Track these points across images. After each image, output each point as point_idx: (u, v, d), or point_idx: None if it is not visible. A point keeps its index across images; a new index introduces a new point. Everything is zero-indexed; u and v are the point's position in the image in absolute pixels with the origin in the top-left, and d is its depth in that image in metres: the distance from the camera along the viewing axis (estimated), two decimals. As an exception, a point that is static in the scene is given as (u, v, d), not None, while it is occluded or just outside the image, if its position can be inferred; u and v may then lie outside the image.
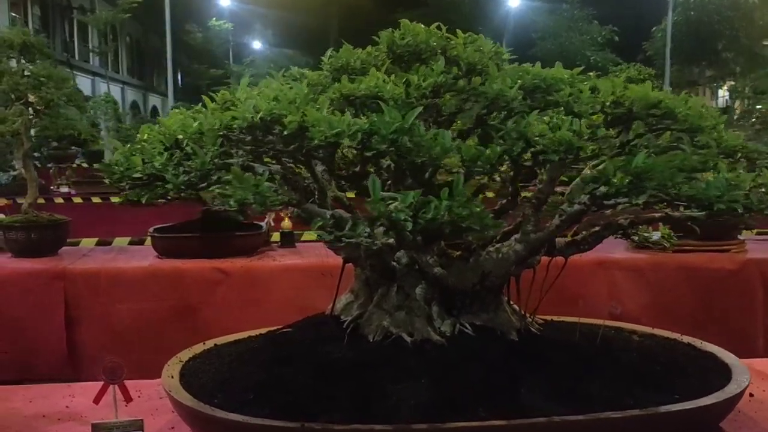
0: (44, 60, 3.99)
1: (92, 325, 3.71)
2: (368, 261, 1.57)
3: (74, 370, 3.73)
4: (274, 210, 1.24)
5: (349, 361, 1.50)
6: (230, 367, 1.60)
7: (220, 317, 3.72)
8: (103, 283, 3.74)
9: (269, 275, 3.83)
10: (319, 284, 3.82)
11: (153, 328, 3.70)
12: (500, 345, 1.58)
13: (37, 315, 3.68)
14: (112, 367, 1.48)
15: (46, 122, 4.00)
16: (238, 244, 4.04)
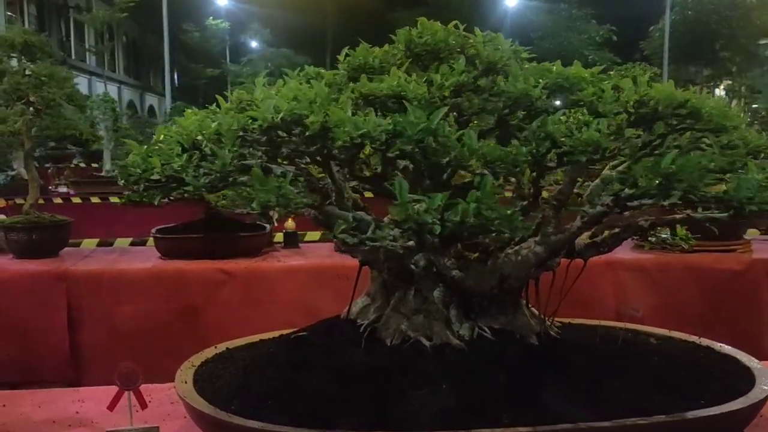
0: (45, 59, 3.95)
1: (95, 327, 3.68)
2: (386, 264, 1.55)
3: (77, 372, 3.70)
4: (296, 213, 1.21)
5: (367, 365, 1.47)
6: (245, 372, 1.57)
7: (224, 319, 3.69)
8: (105, 284, 3.71)
9: (274, 276, 3.80)
10: (324, 285, 3.79)
11: (156, 330, 3.67)
12: (520, 349, 1.56)
13: (39, 317, 3.65)
14: (128, 373, 1.45)
15: (47, 122, 3.96)
16: (241, 245, 4.01)
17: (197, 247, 3.91)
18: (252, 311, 3.71)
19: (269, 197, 1.18)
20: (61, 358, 3.67)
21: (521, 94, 1.38)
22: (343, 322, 1.71)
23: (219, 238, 3.95)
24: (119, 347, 3.65)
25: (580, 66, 1.56)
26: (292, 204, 1.20)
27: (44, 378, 3.65)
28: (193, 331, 3.69)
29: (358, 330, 1.62)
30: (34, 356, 3.66)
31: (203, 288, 3.72)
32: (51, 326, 3.66)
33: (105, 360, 3.66)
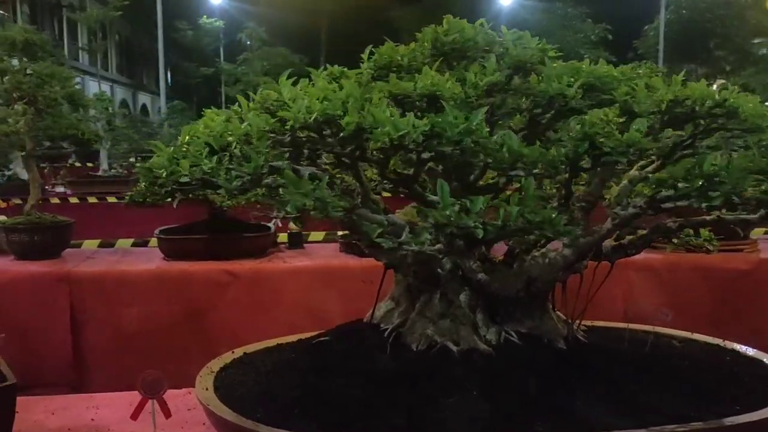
0: (46, 58, 3.90)
1: (98, 330, 3.63)
2: (413, 268, 1.51)
3: (80, 375, 3.65)
4: (333, 217, 1.17)
5: (394, 372, 1.44)
6: (268, 379, 1.54)
7: (229, 320, 3.65)
8: (108, 286, 3.66)
9: (279, 277, 3.75)
10: (330, 286, 3.76)
11: (161, 332, 3.63)
12: (549, 354, 1.53)
13: (41, 319, 3.60)
14: (152, 381, 1.41)
15: (48, 122, 3.91)
16: (246, 246, 3.97)
17: (201, 247, 3.86)
18: (258, 312, 3.68)
19: (305, 200, 1.15)
20: (64, 360, 3.62)
21: (556, 93, 1.35)
22: (366, 326, 1.67)
23: (223, 238, 3.91)
24: (123, 350, 3.61)
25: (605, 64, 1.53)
26: (329, 207, 1.17)
27: (47, 381, 3.60)
28: (198, 333, 3.65)
29: (382, 335, 1.59)
30: (36, 359, 3.60)
31: (208, 289, 3.68)
32: (53, 328, 3.61)
33: (108, 363, 3.62)
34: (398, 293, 1.64)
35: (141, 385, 1.43)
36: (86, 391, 3.62)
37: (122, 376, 3.61)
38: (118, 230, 6.10)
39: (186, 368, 3.66)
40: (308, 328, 3.68)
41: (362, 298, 3.75)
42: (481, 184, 1.58)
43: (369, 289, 3.74)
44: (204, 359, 3.66)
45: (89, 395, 1.97)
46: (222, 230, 3.96)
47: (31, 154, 4.03)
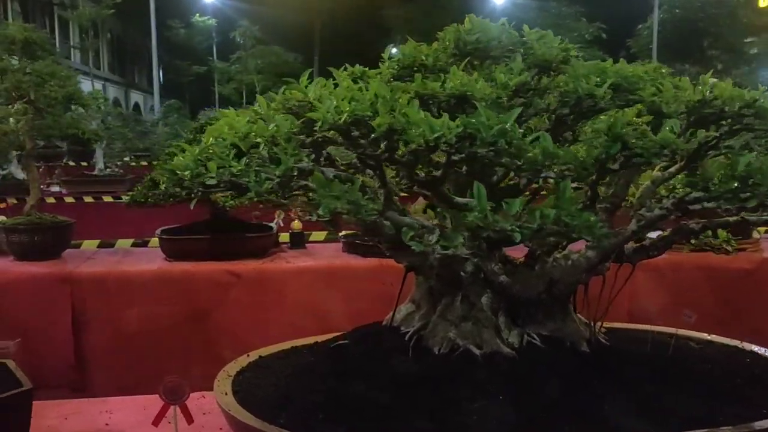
0: (46, 57, 3.86)
1: (100, 331, 3.60)
2: (436, 270, 1.49)
3: (81, 376, 3.62)
4: (365, 220, 1.15)
5: (418, 376, 1.42)
6: (287, 383, 1.51)
7: (233, 321, 3.63)
8: (110, 287, 3.63)
9: (282, 278, 3.73)
10: (334, 287, 3.74)
11: (163, 334, 3.60)
12: (572, 357, 1.51)
13: (42, 320, 3.57)
14: (173, 387, 1.39)
15: (49, 121, 3.87)
16: (248, 246, 3.94)
17: (203, 248, 3.84)
18: (261, 313, 3.65)
19: (339, 203, 1.13)
20: (65, 362, 3.59)
21: (585, 93, 1.33)
22: (386, 329, 1.65)
23: (225, 238, 3.88)
24: (124, 351, 3.58)
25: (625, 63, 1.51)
26: (362, 210, 1.15)
27: (48, 383, 3.56)
28: (202, 334, 3.62)
29: (402, 338, 1.57)
30: (37, 360, 3.55)
31: (211, 290, 3.65)
32: (55, 329, 3.58)
33: (110, 364, 3.60)
34: (419, 296, 1.62)
35: (163, 391, 1.41)
36: (88, 392, 3.59)
37: (124, 378, 3.62)
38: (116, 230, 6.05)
39: (189, 369, 3.66)
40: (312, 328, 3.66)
41: (366, 299, 3.76)
42: (503, 185, 1.57)
43: (373, 289, 3.75)
44: (207, 361, 3.65)
45: (102, 399, 1.94)
46: (224, 230, 3.93)
47: (31, 154, 4.00)
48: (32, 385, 1.49)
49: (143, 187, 3.85)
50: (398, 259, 1.55)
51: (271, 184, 1.20)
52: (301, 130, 1.26)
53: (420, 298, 1.62)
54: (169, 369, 3.63)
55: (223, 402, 1.45)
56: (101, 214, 7.57)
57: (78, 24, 21.89)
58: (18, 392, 1.42)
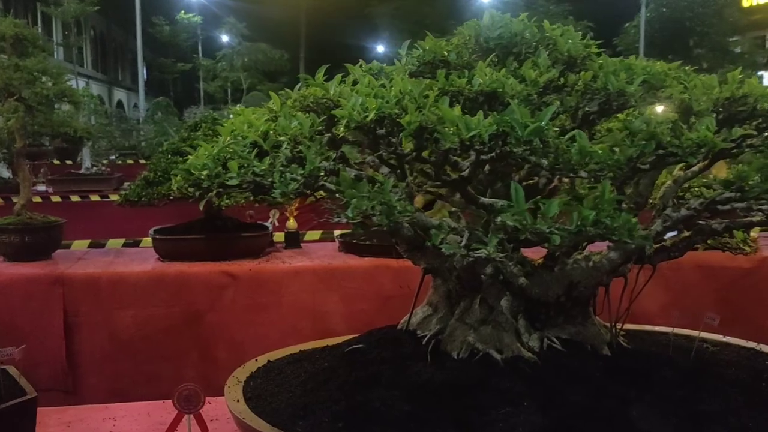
0: (38, 54, 3.78)
1: (93, 333, 3.52)
2: (456, 272, 1.45)
3: (74, 380, 3.54)
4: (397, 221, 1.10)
5: (439, 381, 1.38)
6: (304, 390, 1.46)
7: (229, 323, 3.57)
8: (103, 288, 3.55)
9: (279, 278, 3.67)
10: (331, 287, 3.69)
11: (158, 336, 3.53)
12: (596, 362, 1.48)
13: (34, 322, 3.48)
14: (188, 395, 1.34)
15: (40, 119, 3.79)
16: (244, 246, 3.88)
17: (198, 248, 3.77)
18: (258, 315, 3.60)
19: (369, 204, 1.08)
20: (58, 365, 3.51)
21: (617, 90, 1.30)
22: (402, 333, 1.61)
23: (220, 238, 3.82)
24: (118, 354, 3.51)
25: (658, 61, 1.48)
26: (395, 212, 1.10)
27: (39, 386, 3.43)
28: (197, 336, 3.56)
29: (419, 342, 1.53)
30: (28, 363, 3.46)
31: (206, 291, 3.59)
32: (46, 332, 3.50)
33: (103, 367, 3.52)
34: (436, 299, 1.58)
35: (177, 400, 1.35)
36: (80, 396, 3.52)
37: (117, 381, 3.55)
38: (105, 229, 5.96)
39: (184, 373, 3.60)
40: (310, 330, 3.63)
41: (364, 299, 3.72)
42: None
43: (371, 289, 3.70)
44: (202, 363, 3.60)
45: (104, 406, 1.88)
46: (219, 230, 3.87)
47: (21, 153, 3.92)
48: (36, 393, 1.43)
49: (137, 186, 3.78)
50: (416, 261, 1.51)
51: (297, 185, 1.15)
52: (321, 129, 1.21)
53: (437, 301, 1.57)
54: (164, 372, 3.59)
55: (237, 410, 1.40)
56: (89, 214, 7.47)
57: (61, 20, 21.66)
58: (23, 401, 1.36)
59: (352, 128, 1.17)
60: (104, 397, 3.50)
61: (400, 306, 3.65)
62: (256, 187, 1.19)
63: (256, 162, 1.17)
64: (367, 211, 1.08)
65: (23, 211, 3.85)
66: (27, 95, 3.67)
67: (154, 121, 13.10)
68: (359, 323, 3.65)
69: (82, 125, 3.95)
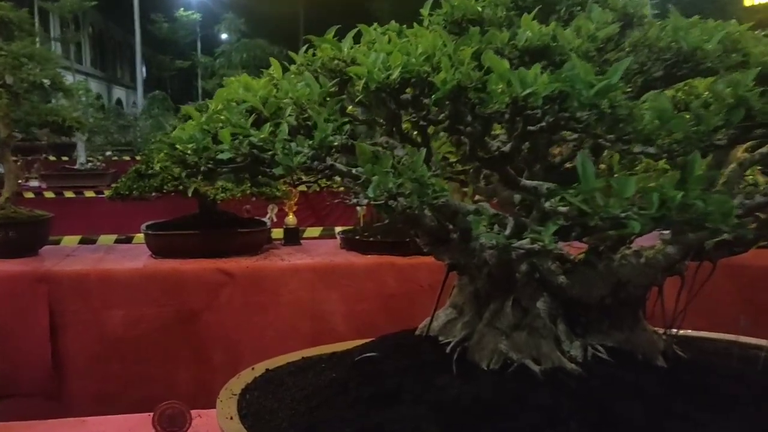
0: (25, 38, 3.56)
1: (80, 335, 3.30)
2: (487, 269, 1.24)
3: (60, 385, 3.33)
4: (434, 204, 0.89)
5: (470, 399, 1.16)
6: (309, 407, 1.25)
7: (225, 323, 3.36)
8: (92, 286, 3.33)
9: (278, 276, 3.46)
10: (332, 286, 3.48)
11: (149, 337, 3.32)
12: (650, 374, 1.27)
13: (17, 323, 3.27)
14: (172, 415, 1.12)
15: (27, 107, 3.58)
16: (241, 242, 3.66)
17: (193, 244, 3.56)
18: (255, 315, 3.39)
19: (397, 182, 0.87)
20: (42, 368, 3.29)
21: (692, 49, 1.09)
22: (421, 339, 1.40)
23: (216, 234, 3.60)
24: (107, 357, 3.30)
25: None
26: (430, 192, 0.89)
27: (22, 391, 3.29)
28: (190, 337, 3.35)
29: (442, 350, 1.32)
30: (10, 366, 3.28)
31: (201, 289, 3.37)
32: (31, 333, 3.28)
33: (90, 371, 3.31)
34: (462, 300, 1.36)
35: (158, 421, 1.14)
36: (65, 401, 3.31)
37: (106, 386, 3.34)
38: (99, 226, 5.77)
39: (176, 377, 3.38)
40: (310, 331, 3.42)
41: (367, 299, 3.50)
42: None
43: (374, 288, 3.49)
44: (197, 366, 3.38)
45: (80, 420, 1.67)
46: (214, 225, 3.66)
47: (7, 143, 3.69)
48: None
49: (128, 179, 3.57)
50: (439, 255, 1.29)
51: (303, 158, 0.93)
52: (350, 92, 0.99)
53: (463, 302, 1.36)
54: (155, 376, 3.38)
55: (230, 430, 1.19)
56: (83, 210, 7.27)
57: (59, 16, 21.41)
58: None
59: (373, 89, 0.95)
60: (91, 402, 3.30)
61: (404, 306, 3.47)
62: (253, 163, 0.98)
63: (253, 131, 0.96)
64: (393, 189, 0.86)
65: (8, 205, 3.64)
66: (12, 81, 3.45)
67: (151, 116, 12.88)
68: (361, 324, 3.48)
69: (72, 115, 3.72)
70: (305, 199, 6.76)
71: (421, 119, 1.03)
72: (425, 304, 3.60)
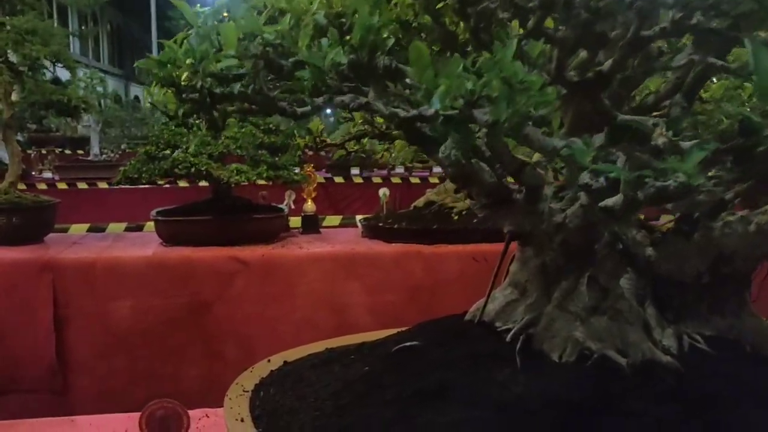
0: (27, 12, 3.35)
1: (86, 326, 3.09)
2: (560, 237, 0.99)
3: (63, 379, 3.12)
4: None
5: (540, 398, 0.92)
6: (337, 406, 1.00)
7: (238, 315, 3.13)
8: (98, 275, 3.11)
9: (296, 265, 3.22)
10: (354, 276, 3.24)
11: (159, 329, 3.10)
12: (763, 369, 1.01)
13: (19, 314, 3.06)
14: (164, 417, 0.89)
15: (30, 85, 3.37)
16: (256, 229, 3.42)
17: (205, 231, 3.33)
18: (271, 306, 3.16)
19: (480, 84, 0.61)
20: (45, 362, 3.08)
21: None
22: (471, 325, 1.15)
23: (230, 220, 3.37)
24: (114, 350, 3.09)
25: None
26: (525, 98, 0.63)
27: (24, 386, 3.08)
28: (202, 329, 3.12)
29: (499, 338, 1.07)
30: (12, 361, 3.07)
31: (214, 279, 3.14)
32: (34, 325, 3.07)
33: (97, 364, 3.09)
34: (525, 277, 1.11)
35: (146, 423, 0.90)
36: (70, 397, 3.11)
37: (112, 380, 3.13)
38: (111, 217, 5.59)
39: (185, 372, 3.15)
40: (329, 323, 3.17)
41: (392, 290, 3.25)
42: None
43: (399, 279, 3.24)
44: (208, 361, 3.14)
45: (70, 418, 1.44)
46: (228, 211, 3.43)
47: (10, 124, 3.49)
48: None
49: (137, 161, 3.35)
50: (499, 220, 1.04)
51: (340, 56, 0.68)
52: None
53: (526, 280, 1.10)
54: (163, 371, 3.17)
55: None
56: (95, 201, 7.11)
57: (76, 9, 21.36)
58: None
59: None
60: (96, 397, 3.09)
61: (432, 297, 3.22)
62: (267, 66, 0.73)
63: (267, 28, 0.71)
64: (476, 90, 0.61)
65: (11, 190, 3.43)
66: (14, 58, 3.25)
67: (166, 107, 12.68)
68: (386, 316, 3.23)
69: (78, 94, 3.51)
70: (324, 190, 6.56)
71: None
72: (455, 296, 3.34)
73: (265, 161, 3.36)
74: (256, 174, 3.26)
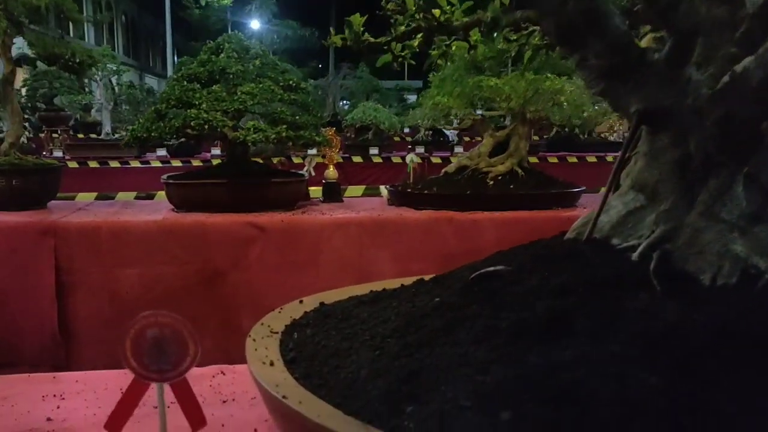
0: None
1: (91, 295, 2.83)
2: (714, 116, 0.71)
3: (67, 352, 2.88)
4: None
5: (708, 329, 0.64)
6: (405, 345, 0.72)
7: (255, 284, 2.86)
8: (104, 241, 2.86)
9: (318, 231, 2.94)
10: (379, 244, 2.96)
11: (169, 299, 2.85)
12: None
13: (20, 282, 2.81)
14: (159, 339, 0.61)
15: (30, 37, 3.12)
16: (274, 195, 3.14)
17: (219, 196, 3.06)
18: (290, 275, 2.89)
19: None
20: (48, 334, 2.84)
21: None
22: (576, 245, 0.86)
23: (247, 184, 3.10)
24: (121, 320, 2.81)
25: None
26: None
27: (26, 360, 2.84)
28: (216, 299, 2.86)
29: (620, 257, 0.78)
30: (13, 332, 2.83)
31: (228, 245, 2.87)
32: (35, 294, 2.83)
33: (102, 336, 2.84)
34: (655, 176, 0.81)
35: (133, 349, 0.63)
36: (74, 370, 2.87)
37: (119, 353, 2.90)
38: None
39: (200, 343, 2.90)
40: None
41: (421, 258, 2.96)
42: None
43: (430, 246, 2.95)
44: (223, 332, 2.85)
45: (52, 375, 1.17)
46: (244, 175, 3.16)
47: (9, 80, 3.23)
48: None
49: (146, 120, 3.09)
50: (620, 98, 0.76)
51: None
52: None
53: (657, 180, 0.81)
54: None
55: (270, 381, 0.67)
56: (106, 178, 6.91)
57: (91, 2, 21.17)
58: None
59: None
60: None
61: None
62: None
63: None
64: None
65: (12, 151, 3.18)
66: (12, 6, 2.99)
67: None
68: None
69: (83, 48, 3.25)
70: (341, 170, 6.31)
71: None
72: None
73: (284, 120, 3.08)
74: (275, 133, 2.98)
